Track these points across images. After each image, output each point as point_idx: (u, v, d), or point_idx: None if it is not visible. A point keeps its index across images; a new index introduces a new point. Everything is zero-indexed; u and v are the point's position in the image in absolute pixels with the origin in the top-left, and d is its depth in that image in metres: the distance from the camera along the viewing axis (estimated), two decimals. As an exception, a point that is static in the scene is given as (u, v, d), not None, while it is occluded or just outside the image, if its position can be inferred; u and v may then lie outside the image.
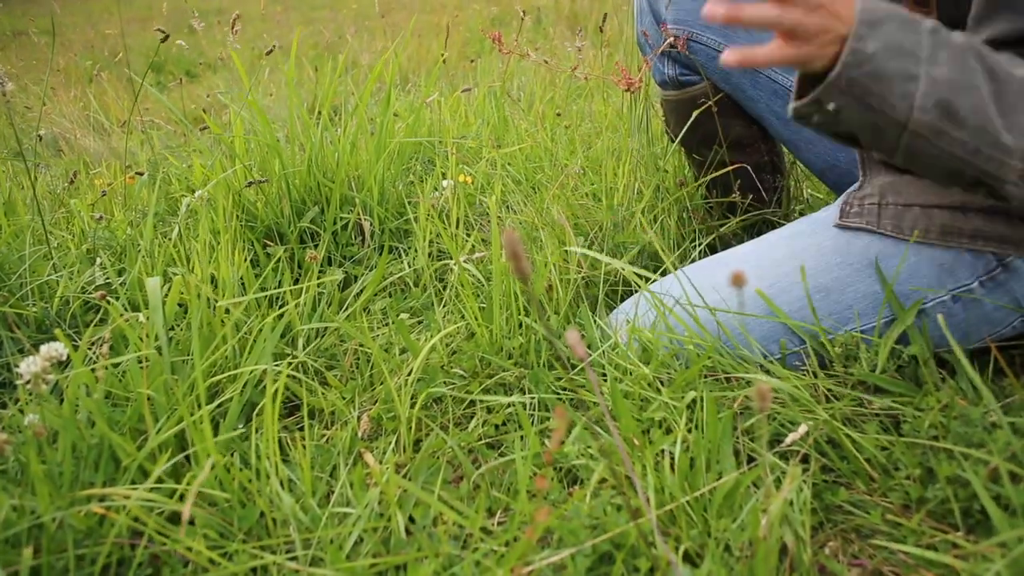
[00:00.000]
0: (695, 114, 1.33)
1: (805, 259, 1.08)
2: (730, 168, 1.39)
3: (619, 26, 3.55)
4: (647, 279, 1.19)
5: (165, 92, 5.36)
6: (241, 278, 1.17)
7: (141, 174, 1.58)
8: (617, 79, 1.24)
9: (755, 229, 1.48)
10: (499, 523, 0.84)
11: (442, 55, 2.08)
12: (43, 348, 0.84)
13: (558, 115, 2.09)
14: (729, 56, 0.78)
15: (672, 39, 1.26)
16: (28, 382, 0.83)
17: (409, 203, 1.56)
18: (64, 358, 0.84)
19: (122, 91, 4.59)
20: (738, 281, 0.57)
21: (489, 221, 1.56)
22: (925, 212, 1.02)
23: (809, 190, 1.64)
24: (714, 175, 1.40)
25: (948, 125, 0.79)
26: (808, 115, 0.84)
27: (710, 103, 1.32)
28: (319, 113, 2.09)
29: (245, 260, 1.19)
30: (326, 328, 1.19)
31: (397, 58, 3.26)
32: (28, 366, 0.84)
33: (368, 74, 3.79)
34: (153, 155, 2.07)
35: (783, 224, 1.43)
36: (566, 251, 1.20)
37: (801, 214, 1.55)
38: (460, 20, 5.48)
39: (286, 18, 11.51)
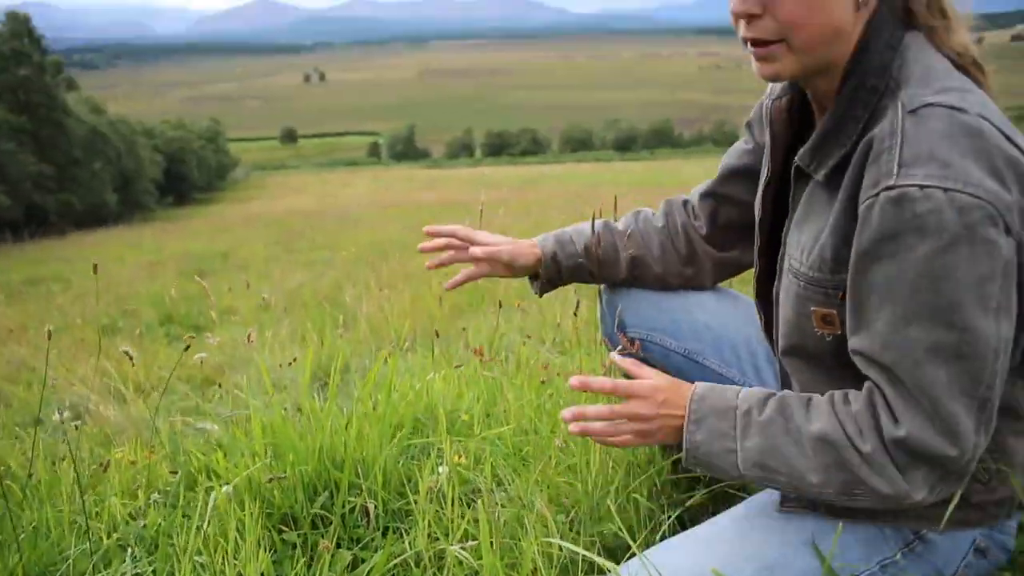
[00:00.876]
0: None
1: (752, 539, 1.25)
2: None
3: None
4: (622, 558, 1.35)
5: (173, 345, 5.67)
6: (262, 573, 1.34)
7: (175, 473, 1.77)
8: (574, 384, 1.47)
9: (719, 499, 1.65)
10: None
11: (435, 331, 2.34)
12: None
13: (543, 383, 2.32)
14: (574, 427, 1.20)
15: (627, 344, 1.50)
16: None
17: (409, 481, 1.75)
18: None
19: (135, 348, 4.87)
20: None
21: (482, 494, 1.73)
22: None
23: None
24: (678, 455, 1.59)
25: (770, 474, 1.11)
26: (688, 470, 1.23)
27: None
28: (324, 384, 2.32)
29: (267, 555, 1.35)
30: (337, 615, 1.34)
31: (392, 325, 3.52)
32: None
33: (367, 330, 4.09)
34: (173, 433, 2.27)
35: (742, 496, 1.60)
36: (548, 541, 1.37)
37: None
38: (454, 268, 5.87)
39: (289, 261, 12.22)
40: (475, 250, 1.56)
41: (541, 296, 1.70)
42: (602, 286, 1.64)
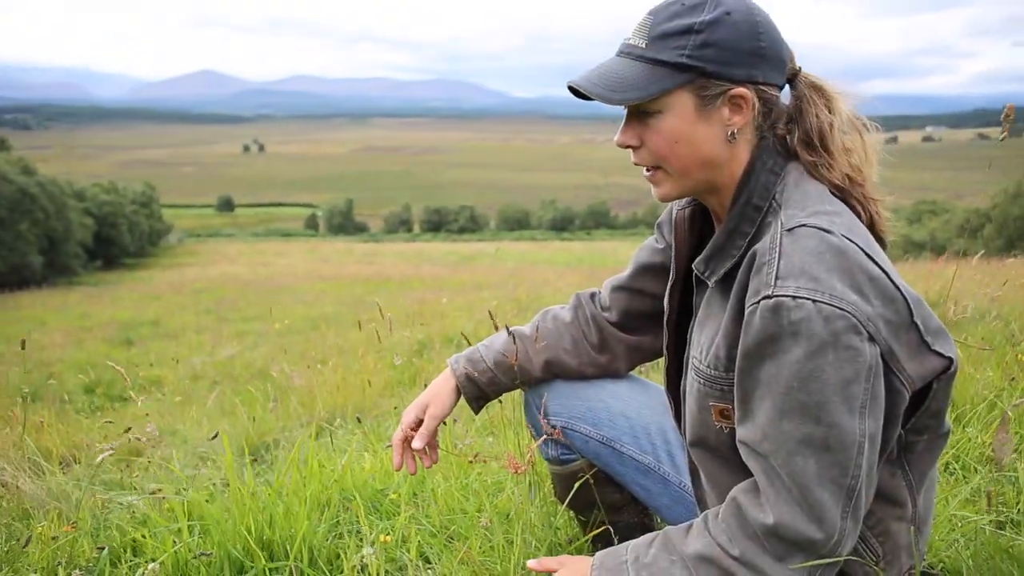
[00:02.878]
0: (576, 485, 1.63)
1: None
2: (606, 526, 1.67)
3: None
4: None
5: (96, 415, 5.52)
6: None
7: (102, 549, 1.77)
8: (505, 464, 1.54)
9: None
10: None
11: (365, 411, 2.39)
12: None
13: (470, 462, 2.38)
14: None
15: (550, 430, 1.58)
16: None
17: (336, 559, 1.78)
18: None
19: (55, 419, 4.73)
20: None
21: (408, 572, 1.77)
22: None
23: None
24: (593, 534, 1.67)
25: None
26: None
27: (587, 477, 1.62)
28: (253, 459, 2.33)
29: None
30: None
31: (323, 401, 3.55)
32: None
33: (297, 405, 4.08)
34: (96, 507, 2.25)
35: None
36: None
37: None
38: (387, 345, 5.90)
39: (220, 331, 12.02)
40: (416, 444, 1.61)
41: (478, 414, 1.75)
42: None
